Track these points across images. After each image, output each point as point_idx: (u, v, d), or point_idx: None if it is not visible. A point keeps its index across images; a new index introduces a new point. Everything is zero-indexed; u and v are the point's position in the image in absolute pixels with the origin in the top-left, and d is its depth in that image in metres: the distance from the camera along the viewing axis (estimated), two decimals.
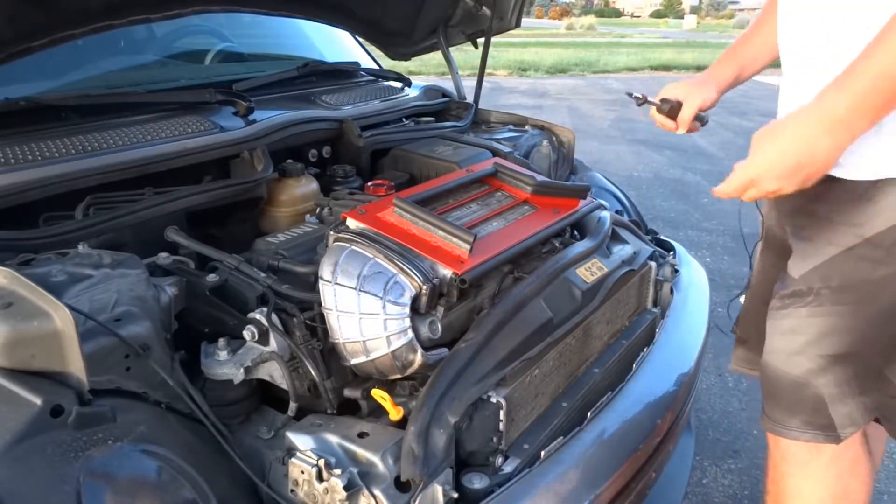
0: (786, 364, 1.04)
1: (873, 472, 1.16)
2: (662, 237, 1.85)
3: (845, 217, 0.95)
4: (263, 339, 1.05)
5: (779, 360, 1.05)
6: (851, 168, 0.94)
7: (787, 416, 1.06)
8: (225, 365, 1.03)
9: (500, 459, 1.05)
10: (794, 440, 1.07)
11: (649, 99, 1.29)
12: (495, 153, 1.77)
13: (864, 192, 0.93)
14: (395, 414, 1.01)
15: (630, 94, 1.33)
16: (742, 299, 1.38)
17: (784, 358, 1.04)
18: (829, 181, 0.95)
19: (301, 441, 0.96)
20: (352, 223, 1.16)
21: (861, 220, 0.93)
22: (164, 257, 1.16)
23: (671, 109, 1.25)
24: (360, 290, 1.03)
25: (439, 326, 1.09)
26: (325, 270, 1.06)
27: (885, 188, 0.91)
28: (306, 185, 1.55)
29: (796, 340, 1.02)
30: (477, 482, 1.00)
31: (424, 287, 1.05)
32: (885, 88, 0.79)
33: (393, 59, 2.43)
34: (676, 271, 1.66)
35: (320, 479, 0.90)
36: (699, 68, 11.38)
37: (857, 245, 0.93)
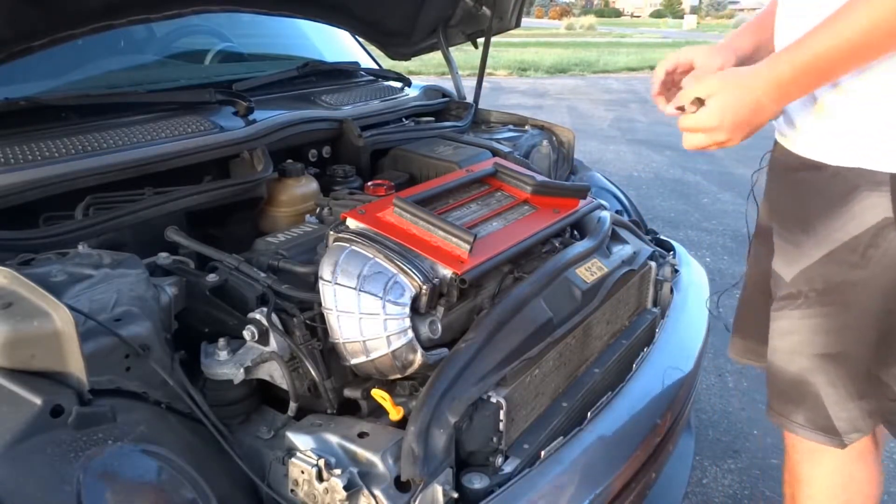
0: (786, 362, 1.08)
1: (879, 457, 1.19)
2: (662, 237, 1.86)
3: (825, 221, 0.99)
4: (263, 339, 1.05)
5: (781, 358, 1.09)
6: (832, 152, 0.98)
7: (791, 410, 1.09)
8: (225, 365, 1.03)
9: (500, 459, 1.05)
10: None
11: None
12: (495, 153, 1.77)
13: (842, 196, 0.97)
14: (395, 414, 1.01)
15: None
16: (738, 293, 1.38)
17: (785, 356, 1.08)
18: (812, 171, 1.01)
19: (301, 441, 0.96)
20: (352, 223, 1.16)
21: (837, 225, 0.97)
22: (164, 257, 1.16)
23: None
24: (360, 290, 1.03)
25: (439, 326, 1.09)
26: (325, 270, 1.06)
27: (860, 192, 0.95)
28: (306, 185, 1.55)
29: (792, 339, 1.06)
30: (477, 482, 1.00)
31: (424, 287, 1.05)
32: (825, 66, 0.89)
33: (393, 59, 2.43)
34: (676, 271, 1.66)
35: (320, 479, 0.90)
36: None
37: (835, 249, 0.98)
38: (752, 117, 0.96)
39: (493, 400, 1.04)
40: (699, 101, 0.99)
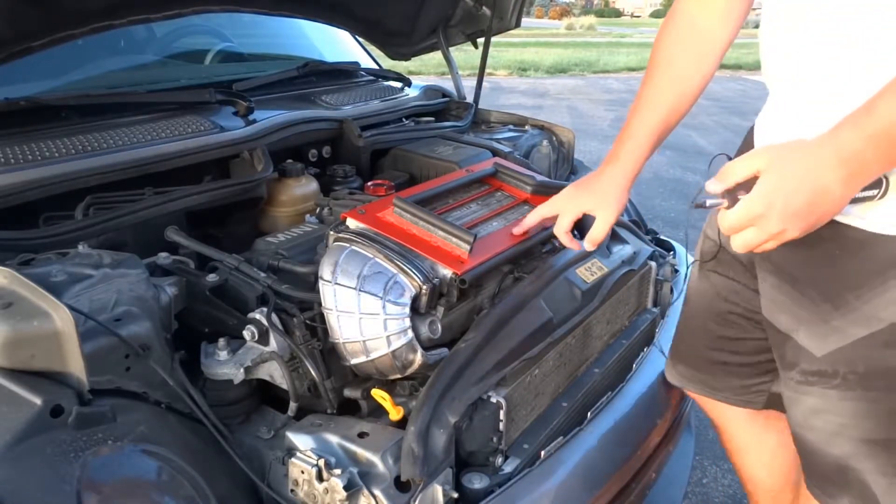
0: (826, 443, 0.97)
1: None
2: (662, 237, 1.86)
3: (864, 297, 0.85)
4: (263, 339, 1.05)
5: (820, 438, 0.98)
6: (872, 216, 0.82)
7: (834, 493, 1.00)
8: (225, 365, 1.03)
9: (500, 459, 1.05)
10: None
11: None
12: (495, 153, 1.77)
13: (883, 269, 0.82)
14: (395, 414, 1.01)
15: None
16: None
17: (824, 437, 0.97)
18: (842, 233, 0.85)
19: (301, 441, 0.96)
20: (352, 223, 1.16)
21: (880, 303, 0.84)
22: (164, 257, 1.16)
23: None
24: (360, 290, 1.03)
25: (439, 326, 1.09)
26: (325, 270, 1.06)
27: None
28: (306, 185, 1.55)
29: (833, 420, 0.95)
30: (477, 482, 1.00)
31: (424, 287, 1.05)
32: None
33: (393, 59, 2.43)
34: (676, 271, 1.66)
35: (320, 479, 0.90)
36: None
37: (877, 332, 0.85)
38: (815, 201, 0.75)
39: (493, 400, 1.04)
40: (732, 196, 0.80)
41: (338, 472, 0.89)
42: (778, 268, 0.97)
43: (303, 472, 0.92)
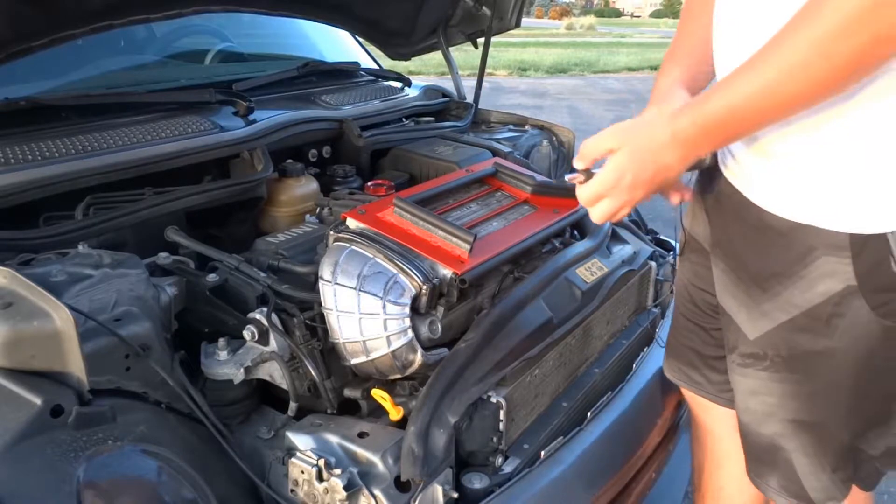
0: (759, 424, 1.01)
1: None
2: (662, 237, 1.86)
3: (785, 283, 0.89)
4: (263, 339, 1.05)
5: (754, 419, 1.01)
6: (785, 204, 0.87)
7: (765, 473, 1.03)
8: (225, 365, 1.03)
9: (500, 459, 1.05)
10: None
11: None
12: (495, 153, 1.77)
13: (800, 257, 0.87)
14: (395, 414, 1.01)
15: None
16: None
17: (757, 417, 1.01)
18: (765, 222, 0.90)
19: (301, 441, 0.96)
20: (352, 223, 1.16)
21: (797, 291, 0.88)
22: (164, 257, 1.16)
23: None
24: (360, 290, 1.03)
25: (439, 326, 1.09)
26: (325, 270, 1.06)
27: (817, 255, 0.85)
28: (306, 185, 1.55)
29: (765, 401, 0.98)
30: (477, 482, 1.00)
31: (424, 287, 1.05)
32: (730, 124, 0.79)
33: (393, 59, 2.43)
34: (676, 271, 1.66)
35: (320, 479, 0.90)
36: None
37: (796, 317, 0.89)
38: (657, 174, 0.86)
39: (493, 400, 1.04)
40: (587, 172, 0.90)
41: (338, 472, 0.89)
42: (725, 252, 1.01)
43: (303, 472, 0.92)
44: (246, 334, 1.04)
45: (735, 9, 0.89)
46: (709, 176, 1.03)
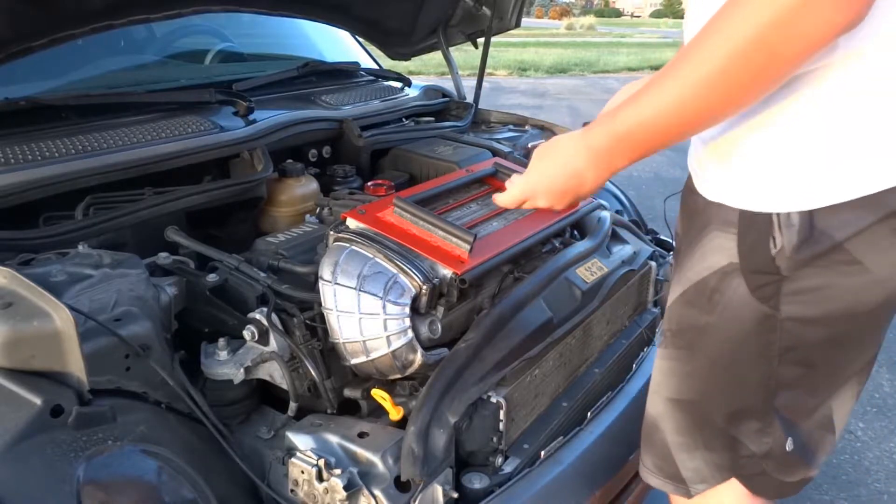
0: (648, 402, 1.01)
1: None
2: (662, 237, 1.86)
3: (686, 258, 0.91)
4: (263, 339, 1.05)
5: (647, 398, 1.02)
6: (699, 178, 0.90)
7: (644, 454, 1.02)
8: (225, 365, 1.03)
9: (500, 459, 1.05)
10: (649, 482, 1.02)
11: None
12: (495, 153, 1.77)
13: (699, 231, 0.88)
14: (395, 414, 1.01)
15: None
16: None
17: (649, 399, 1.01)
18: (690, 199, 0.93)
19: (301, 441, 0.96)
20: (352, 223, 1.16)
21: (691, 264, 0.89)
22: (164, 257, 1.16)
23: None
24: (360, 290, 1.03)
25: (439, 326, 1.09)
26: (325, 270, 1.06)
27: (711, 230, 0.86)
28: (306, 185, 1.55)
29: (655, 379, 0.99)
30: (477, 482, 1.00)
31: (424, 287, 1.05)
32: (641, 138, 0.80)
33: (393, 59, 2.43)
34: None
35: (320, 479, 0.90)
36: None
37: (686, 290, 0.90)
38: (571, 184, 0.89)
39: (493, 400, 1.04)
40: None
41: (338, 472, 0.89)
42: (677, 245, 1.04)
43: (303, 472, 0.92)
44: (246, 334, 1.04)
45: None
46: None
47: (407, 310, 1.04)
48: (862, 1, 0.64)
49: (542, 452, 1.07)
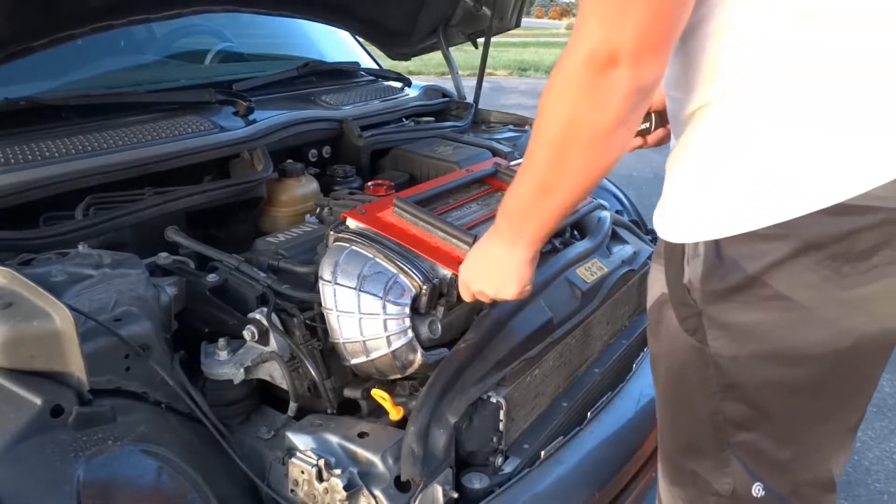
0: None
1: None
2: None
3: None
4: (263, 339, 1.05)
5: None
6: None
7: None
8: (225, 365, 1.03)
9: (500, 459, 1.05)
10: None
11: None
12: (495, 153, 1.77)
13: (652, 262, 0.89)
14: (395, 414, 1.01)
15: None
16: None
17: None
18: None
19: (301, 441, 0.96)
20: (352, 223, 1.16)
21: (647, 295, 0.89)
22: (164, 257, 1.16)
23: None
24: (360, 291, 1.03)
25: (439, 326, 1.09)
26: (325, 270, 1.06)
27: (652, 262, 0.87)
28: (306, 185, 1.55)
29: None
30: (477, 482, 1.00)
31: (424, 287, 1.05)
32: (529, 218, 0.85)
33: (393, 59, 2.43)
34: None
35: (320, 479, 0.90)
36: None
37: (648, 318, 0.90)
38: (496, 269, 0.93)
39: (493, 400, 1.04)
40: None
41: (338, 472, 0.89)
42: None
43: (303, 472, 0.92)
44: (246, 334, 1.04)
45: None
46: None
47: (407, 310, 1.04)
48: (648, 73, 0.68)
49: (542, 452, 1.07)
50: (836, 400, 0.78)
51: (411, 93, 2.16)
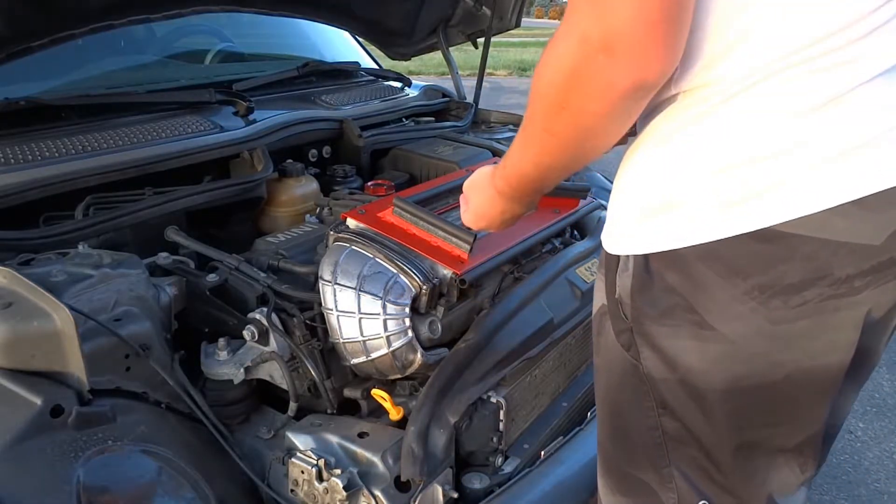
0: None
1: None
2: None
3: None
4: (263, 339, 1.05)
5: None
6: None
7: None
8: (225, 365, 1.03)
9: (500, 459, 1.05)
10: None
11: None
12: (495, 153, 1.77)
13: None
14: (395, 414, 1.01)
15: None
16: None
17: None
18: None
19: (301, 441, 0.96)
20: (352, 223, 1.16)
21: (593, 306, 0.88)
22: (164, 257, 1.16)
23: None
24: (360, 291, 1.03)
25: (439, 326, 1.09)
26: (325, 270, 1.06)
27: (599, 269, 0.84)
28: (306, 185, 1.55)
29: None
30: (477, 482, 1.00)
31: (424, 287, 1.05)
32: (526, 182, 0.82)
33: (393, 59, 2.43)
34: None
35: (320, 479, 0.90)
36: None
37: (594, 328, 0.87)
38: (496, 214, 0.92)
39: (493, 400, 1.04)
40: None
41: (338, 472, 0.89)
42: None
43: (303, 472, 0.92)
44: (246, 334, 1.04)
45: None
46: None
47: (407, 310, 1.04)
48: (648, 67, 0.59)
49: (542, 452, 1.07)
50: (766, 427, 0.73)
51: (411, 93, 2.16)
